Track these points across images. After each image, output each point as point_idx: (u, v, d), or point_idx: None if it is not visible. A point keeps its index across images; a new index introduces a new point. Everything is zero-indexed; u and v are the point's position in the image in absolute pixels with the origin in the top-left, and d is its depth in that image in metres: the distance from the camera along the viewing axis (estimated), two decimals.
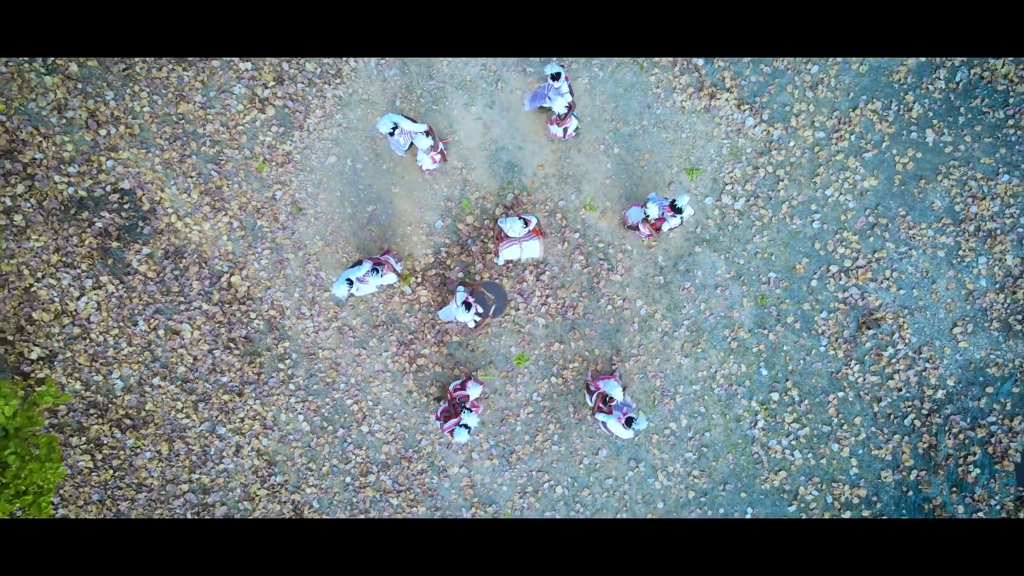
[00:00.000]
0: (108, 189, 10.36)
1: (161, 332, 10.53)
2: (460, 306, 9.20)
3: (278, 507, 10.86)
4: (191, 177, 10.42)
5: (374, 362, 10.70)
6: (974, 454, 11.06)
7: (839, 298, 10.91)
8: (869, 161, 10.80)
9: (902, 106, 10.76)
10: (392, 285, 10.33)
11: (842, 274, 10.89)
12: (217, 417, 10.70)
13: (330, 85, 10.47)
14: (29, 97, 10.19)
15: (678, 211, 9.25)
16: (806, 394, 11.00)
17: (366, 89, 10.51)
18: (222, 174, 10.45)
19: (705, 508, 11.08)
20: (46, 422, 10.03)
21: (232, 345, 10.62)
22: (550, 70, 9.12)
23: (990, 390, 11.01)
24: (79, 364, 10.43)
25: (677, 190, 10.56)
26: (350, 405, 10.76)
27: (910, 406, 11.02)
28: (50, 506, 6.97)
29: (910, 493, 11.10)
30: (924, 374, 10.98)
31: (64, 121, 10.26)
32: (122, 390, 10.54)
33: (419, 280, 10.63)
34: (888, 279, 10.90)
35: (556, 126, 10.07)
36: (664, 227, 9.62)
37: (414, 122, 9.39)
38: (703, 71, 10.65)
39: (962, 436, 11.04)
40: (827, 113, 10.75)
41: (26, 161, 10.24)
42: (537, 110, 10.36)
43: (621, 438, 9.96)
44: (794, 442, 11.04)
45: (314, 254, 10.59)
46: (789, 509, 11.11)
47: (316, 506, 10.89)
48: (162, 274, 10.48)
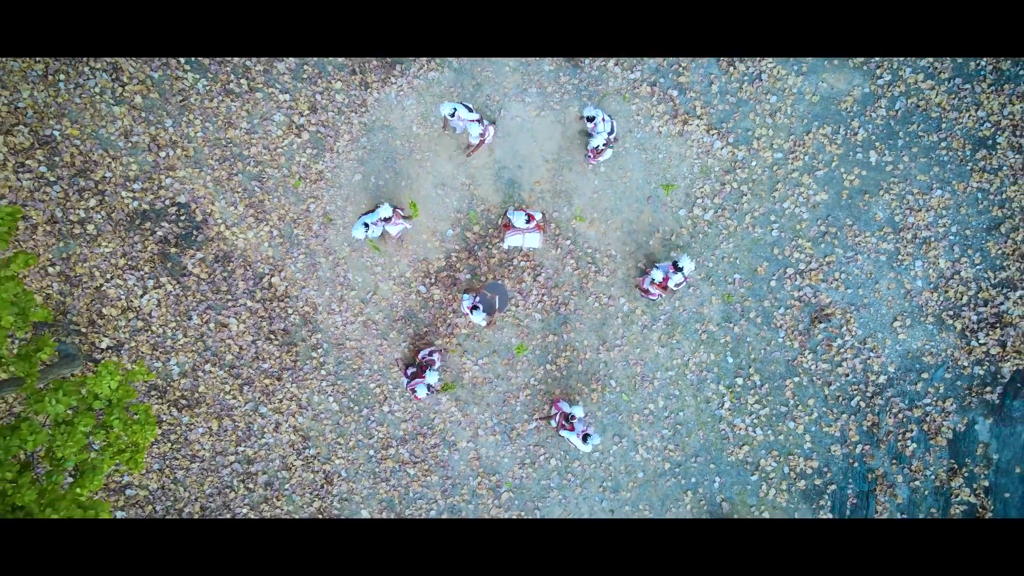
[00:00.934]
0: (167, 203, 12.10)
1: (212, 325, 12.28)
2: (468, 311, 11.00)
3: (311, 476, 12.62)
4: (237, 192, 12.16)
5: (394, 351, 12.45)
6: (911, 431, 12.80)
7: (795, 296, 12.65)
8: (820, 178, 12.52)
9: (849, 131, 12.48)
10: (403, 232, 11.98)
11: (797, 275, 12.62)
12: (259, 398, 12.45)
13: (356, 113, 12.20)
14: (100, 124, 11.92)
15: (679, 269, 11.00)
16: (766, 379, 12.74)
17: (387, 117, 12.24)
18: (264, 190, 12.19)
19: (679, 477, 12.83)
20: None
21: (272, 336, 12.37)
22: (586, 112, 10.91)
23: (925, 376, 12.75)
24: (142, 352, 12.19)
25: (679, 255, 11.71)
26: (373, 388, 12.51)
27: (856, 389, 12.76)
28: (143, 462, 8.67)
29: (856, 464, 12.85)
30: (868, 362, 12.71)
31: (129, 144, 12.00)
32: (178, 375, 12.29)
33: (433, 280, 12.37)
34: (837, 280, 12.63)
35: (591, 156, 11.75)
36: (670, 284, 11.33)
37: (470, 111, 11.10)
38: (677, 101, 12.37)
39: (901, 415, 12.79)
40: (784, 137, 12.47)
41: (97, 179, 11.98)
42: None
43: (581, 451, 11.78)
44: (756, 420, 12.78)
45: (342, 258, 12.33)
46: (752, 478, 12.86)
47: (344, 475, 12.65)
48: (213, 275, 12.23)
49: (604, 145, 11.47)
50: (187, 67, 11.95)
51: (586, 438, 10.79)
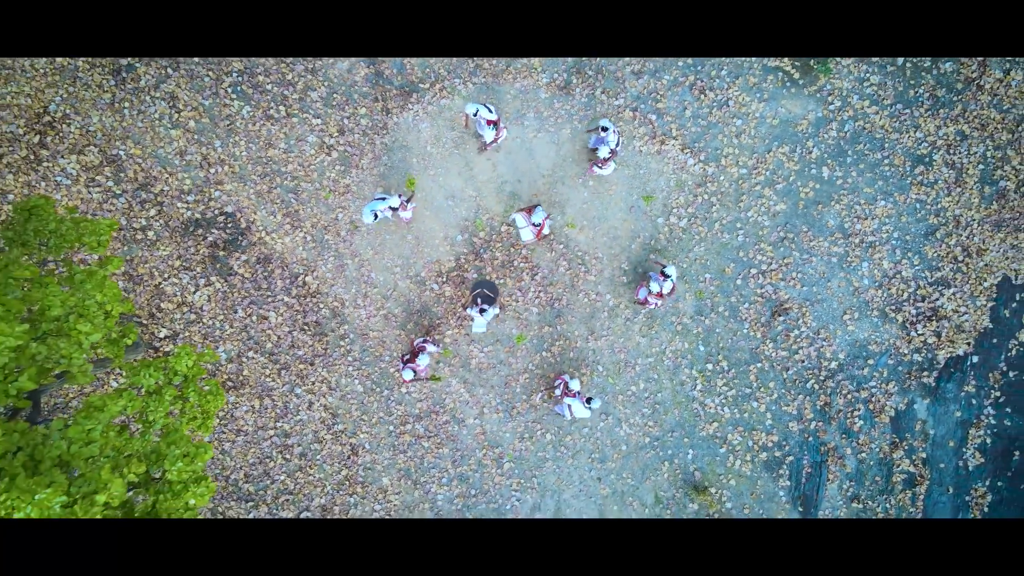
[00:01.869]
0: (216, 212, 14.07)
1: (254, 318, 14.25)
2: (478, 316, 13.05)
3: (339, 448, 14.60)
4: (276, 203, 14.12)
5: (411, 340, 14.40)
6: (859, 410, 14.75)
7: (758, 293, 14.59)
8: (779, 191, 14.46)
9: (804, 149, 14.41)
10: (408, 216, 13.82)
11: (760, 275, 14.56)
12: (295, 381, 14.42)
13: (378, 135, 14.14)
14: (159, 145, 13.87)
15: (667, 276, 12.97)
16: (733, 365, 14.69)
17: (405, 138, 14.17)
18: (299, 201, 14.14)
19: (657, 450, 14.79)
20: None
21: (306, 327, 14.33)
22: (602, 123, 12.81)
23: (871, 362, 14.70)
24: (194, 341, 14.15)
25: (667, 263, 13.66)
26: (393, 372, 14.48)
27: (811, 374, 14.71)
28: (212, 426, 10.59)
29: (810, 439, 14.81)
30: (821, 350, 14.67)
31: (184, 162, 13.95)
32: (225, 360, 14.26)
33: (445, 279, 14.33)
34: (794, 278, 14.57)
35: (597, 166, 13.66)
36: (664, 292, 13.27)
37: (490, 112, 12.92)
38: (656, 124, 14.30)
39: (850, 396, 14.74)
40: (748, 155, 14.40)
41: (156, 192, 13.94)
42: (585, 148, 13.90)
43: (581, 417, 13.79)
44: (724, 400, 14.74)
45: (366, 260, 14.28)
46: (720, 451, 14.82)
47: (367, 447, 14.63)
48: (255, 275, 14.19)
49: (610, 155, 13.29)
50: (233, 96, 13.90)
51: (589, 401, 12.78)
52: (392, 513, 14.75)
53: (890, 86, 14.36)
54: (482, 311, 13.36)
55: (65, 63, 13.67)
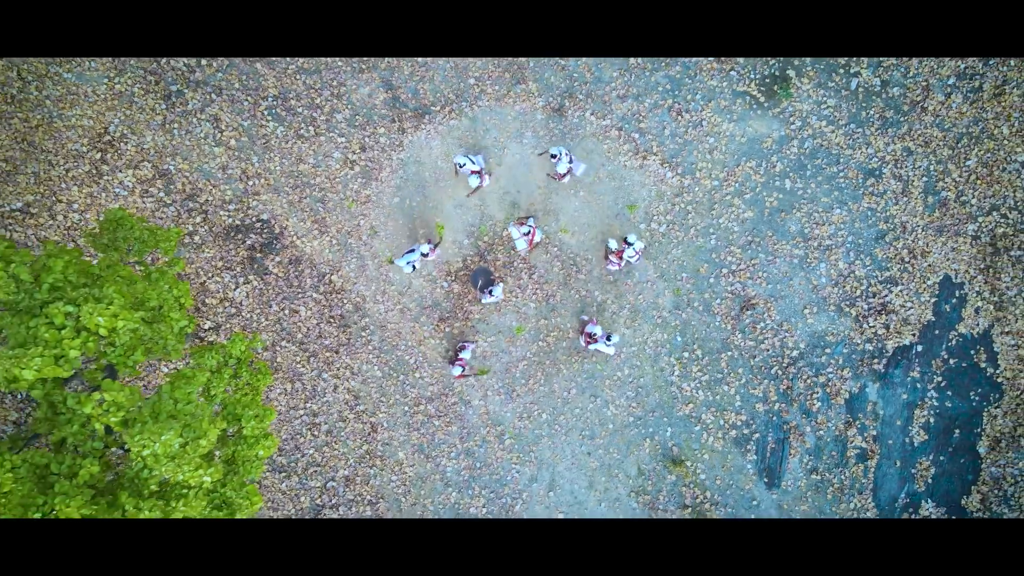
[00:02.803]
0: (254, 219, 16.09)
1: (286, 311, 16.28)
2: (490, 295, 15.14)
3: (361, 426, 16.63)
4: (306, 211, 16.14)
5: (423, 331, 16.44)
6: (817, 393, 16.77)
7: (728, 290, 16.60)
8: (747, 200, 16.46)
9: (769, 164, 16.41)
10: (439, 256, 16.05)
11: (730, 274, 16.57)
12: (322, 367, 16.45)
13: (395, 151, 16.15)
14: (204, 160, 15.89)
15: (630, 244, 15.00)
16: (706, 353, 16.71)
17: (418, 154, 16.18)
18: (326, 209, 16.16)
19: (640, 428, 16.81)
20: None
21: (331, 320, 16.36)
22: (551, 151, 14.88)
23: (828, 351, 16.71)
24: (234, 332, 16.17)
25: (629, 231, 15.93)
26: (408, 360, 16.50)
27: (775, 361, 16.73)
28: (260, 401, 12.59)
29: (775, 418, 16.83)
30: (784, 340, 16.68)
31: (226, 176, 15.98)
32: (262, 349, 16.29)
33: (454, 278, 16.35)
34: (760, 277, 16.58)
35: (557, 177, 15.75)
36: (625, 256, 15.33)
37: (473, 163, 15.03)
38: (638, 142, 16.30)
39: (809, 381, 16.76)
40: (720, 168, 16.40)
41: (201, 201, 15.97)
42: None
43: (608, 354, 15.92)
44: (698, 384, 16.76)
45: (385, 261, 16.30)
46: (695, 429, 16.84)
47: (385, 425, 16.66)
48: (287, 274, 16.22)
49: (567, 171, 15.41)
50: (269, 117, 15.92)
51: (609, 337, 15.15)
52: (407, 483, 16.79)
53: (844, 108, 16.35)
54: (491, 292, 15.42)
55: (123, 89, 15.70)
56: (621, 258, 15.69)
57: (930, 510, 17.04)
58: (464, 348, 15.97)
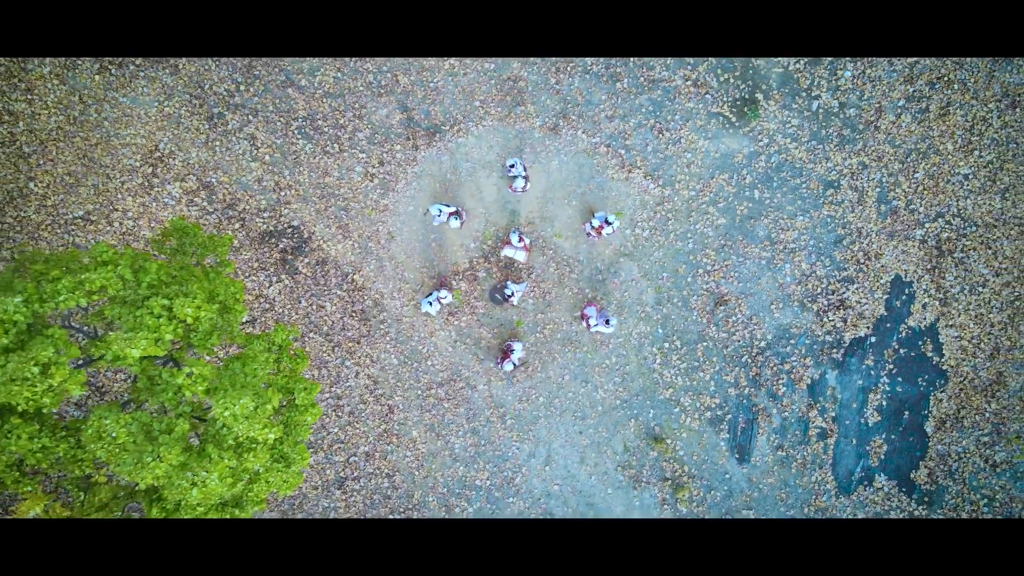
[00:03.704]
0: (285, 226, 18.29)
1: (314, 306, 18.48)
2: (510, 292, 17.46)
3: (379, 408, 18.82)
4: (331, 219, 18.34)
5: (435, 324, 18.64)
6: (783, 379, 18.96)
7: (704, 288, 18.78)
8: (721, 208, 18.63)
9: (740, 176, 18.58)
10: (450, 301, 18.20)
11: (705, 274, 18.75)
12: (345, 355, 18.66)
13: (410, 166, 18.33)
14: (242, 174, 18.09)
15: (609, 223, 17.22)
16: (684, 343, 18.90)
17: (430, 168, 18.37)
18: (348, 217, 18.36)
19: (626, 410, 19.00)
20: None
21: (354, 314, 18.56)
22: (508, 162, 17.11)
23: (792, 342, 18.89)
24: (268, 325, 18.38)
25: (609, 212, 18.15)
26: (421, 349, 18.70)
27: (745, 351, 18.92)
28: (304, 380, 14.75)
29: (745, 401, 19.01)
30: (753, 332, 18.86)
31: (261, 187, 18.17)
32: (292, 339, 18.46)
33: (461, 277, 18.56)
34: (732, 277, 18.76)
35: (516, 190, 17.97)
36: (604, 233, 17.55)
37: (449, 206, 17.26)
38: (624, 157, 18.48)
39: (775, 368, 18.95)
40: (696, 180, 18.58)
41: (240, 210, 18.17)
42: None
43: (607, 334, 18.14)
44: (677, 371, 18.95)
45: (401, 262, 18.49)
46: (675, 411, 19.03)
47: (401, 407, 18.86)
48: (315, 274, 18.42)
49: (524, 183, 17.65)
50: (299, 136, 18.11)
51: (608, 322, 17.30)
52: (420, 458, 18.99)
53: (806, 127, 18.51)
54: (510, 295, 17.73)
55: (171, 111, 17.90)
56: (600, 233, 17.87)
57: (883, 483, 19.23)
58: (511, 348, 18.10)
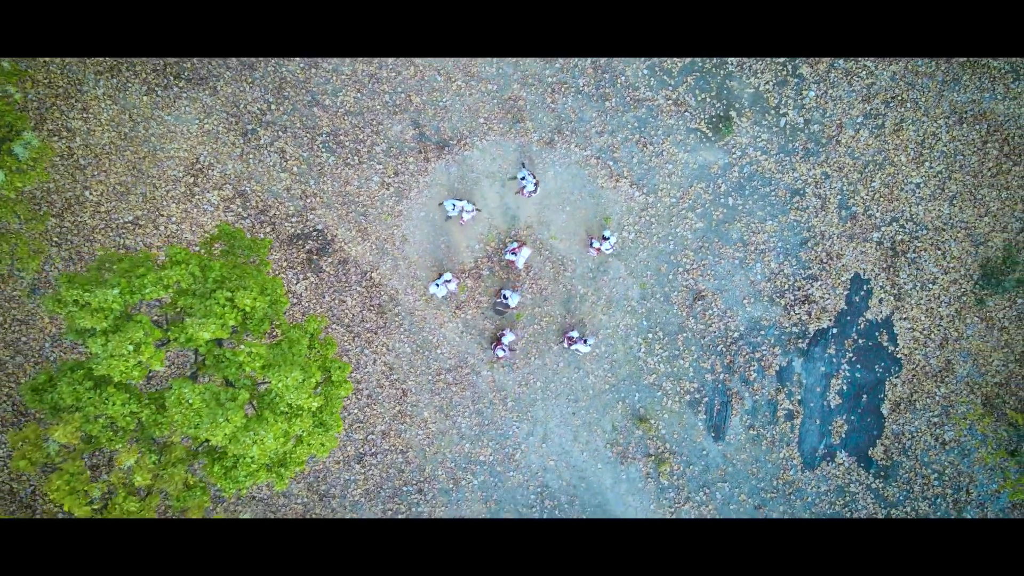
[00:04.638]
0: (311, 229, 20.58)
1: (336, 301, 20.78)
2: (507, 298, 19.69)
3: (394, 391, 21.12)
4: (352, 223, 20.62)
5: (444, 316, 20.92)
6: (754, 366, 21.24)
7: (683, 284, 21.05)
8: (699, 214, 20.90)
9: (715, 185, 20.84)
10: (456, 290, 20.48)
11: (685, 272, 21.02)
12: (364, 345, 20.95)
13: (422, 176, 20.61)
14: (272, 183, 20.39)
15: (606, 239, 19.50)
16: (666, 334, 21.17)
17: (439, 178, 20.65)
18: (367, 221, 20.65)
19: (614, 394, 21.28)
20: None
21: (372, 308, 20.85)
22: (518, 174, 19.37)
23: (763, 333, 21.16)
24: (296, 318, 20.67)
25: (605, 230, 20.39)
26: (432, 339, 20.99)
27: (720, 340, 21.19)
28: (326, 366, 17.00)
29: (720, 386, 21.29)
30: (727, 324, 21.13)
31: (289, 195, 20.47)
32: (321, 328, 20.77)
33: (467, 275, 20.84)
34: (709, 275, 21.03)
35: (526, 195, 20.25)
36: (603, 249, 19.83)
37: (460, 200, 19.54)
38: (612, 168, 20.75)
39: (748, 356, 21.23)
40: (677, 189, 20.84)
41: (271, 215, 20.46)
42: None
43: (584, 352, 20.38)
44: (660, 359, 21.24)
45: (413, 262, 20.78)
46: (658, 394, 21.31)
47: (413, 391, 21.15)
48: (337, 272, 20.71)
49: (534, 188, 19.91)
50: (323, 150, 20.40)
51: (585, 341, 19.41)
52: (430, 436, 21.29)
53: (775, 141, 20.78)
54: (507, 300, 19.92)
55: (210, 128, 20.18)
56: (600, 251, 20.13)
57: (843, 459, 21.51)
58: (503, 335, 20.36)
